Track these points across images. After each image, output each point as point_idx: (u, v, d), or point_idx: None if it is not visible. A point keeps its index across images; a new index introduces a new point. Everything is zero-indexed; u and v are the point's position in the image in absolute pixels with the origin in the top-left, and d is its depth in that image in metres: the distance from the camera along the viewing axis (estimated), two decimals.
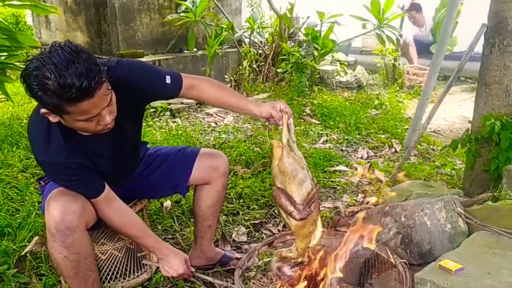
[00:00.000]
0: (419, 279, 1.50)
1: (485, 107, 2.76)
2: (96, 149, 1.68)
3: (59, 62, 1.35)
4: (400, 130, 4.62)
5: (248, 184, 3.08)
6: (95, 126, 1.52)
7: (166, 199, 2.81)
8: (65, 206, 1.60)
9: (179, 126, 4.20)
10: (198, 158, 2.06)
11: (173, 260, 1.86)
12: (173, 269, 1.86)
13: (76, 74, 1.35)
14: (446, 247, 1.91)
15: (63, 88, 1.35)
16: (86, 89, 1.37)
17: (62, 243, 1.61)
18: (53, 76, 1.34)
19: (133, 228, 1.81)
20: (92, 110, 1.45)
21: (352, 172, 3.57)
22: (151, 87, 1.77)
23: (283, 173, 1.62)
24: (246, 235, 2.60)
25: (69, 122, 1.50)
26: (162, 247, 1.87)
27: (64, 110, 1.42)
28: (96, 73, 1.39)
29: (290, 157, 1.62)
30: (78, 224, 1.62)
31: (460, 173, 3.43)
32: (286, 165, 1.61)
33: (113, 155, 1.76)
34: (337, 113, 4.97)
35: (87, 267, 1.71)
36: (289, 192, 1.63)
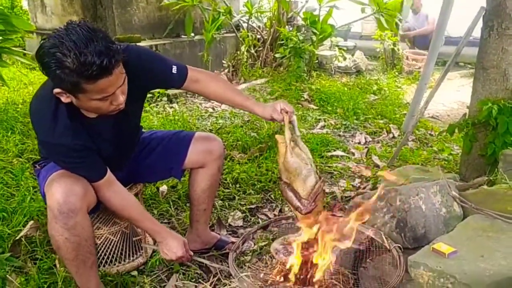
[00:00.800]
0: (413, 262, 1.50)
1: (483, 92, 2.74)
2: (100, 131, 1.68)
3: (78, 40, 1.35)
4: (399, 115, 4.61)
5: (245, 169, 3.07)
6: (108, 106, 1.53)
7: (162, 184, 2.80)
8: (68, 188, 1.60)
9: (176, 111, 4.19)
10: (193, 141, 2.05)
11: (172, 243, 1.85)
12: (172, 251, 1.86)
13: (96, 51, 1.35)
14: (441, 231, 1.91)
15: (83, 65, 1.35)
16: (106, 66, 1.38)
17: (64, 225, 1.61)
18: (72, 54, 1.34)
19: (133, 211, 1.81)
20: (109, 88, 1.45)
21: (349, 157, 3.56)
22: (157, 74, 1.78)
23: (287, 170, 1.66)
24: (242, 219, 2.60)
25: (83, 102, 1.49)
26: (161, 230, 1.87)
27: (82, 88, 1.42)
28: (114, 51, 1.40)
29: (294, 155, 1.65)
30: (81, 206, 1.62)
31: (457, 158, 3.43)
32: (290, 164, 1.64)
33: (116, 138, 1.76)
34: (335, 99, 4.95)
35: (87, 250, 1.71)
36: (294, 187, 1.66)
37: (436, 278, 1.43)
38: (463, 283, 1.37)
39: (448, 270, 1.41)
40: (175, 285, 2.04)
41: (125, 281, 2.01)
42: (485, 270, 1.39)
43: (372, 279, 1.73)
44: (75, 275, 1.74)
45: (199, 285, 2.04)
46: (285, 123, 1.72)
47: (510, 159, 2.42)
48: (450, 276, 1.40)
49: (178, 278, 2.07)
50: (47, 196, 1.62)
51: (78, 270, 1.72)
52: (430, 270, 1.45)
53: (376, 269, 1.78)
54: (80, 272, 1.72)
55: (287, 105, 1.78)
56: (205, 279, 2.08)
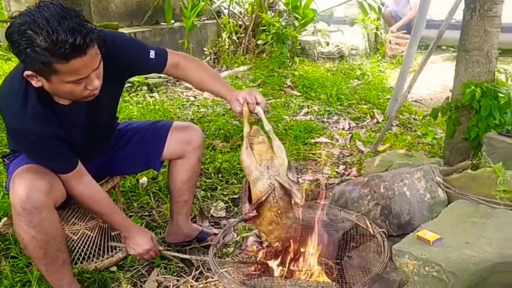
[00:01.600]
0: (397, 251, 1.46)
1: (466, 74, 2.72)
2: (72, 119, 1.61)
3: (50, 17, 1.28)
4: (382, 100, 4.60)
5: (227, 158, 3.02)
6: (82, 91, 1.46)
7: (142, 176, 2.73)
8: (31, 184, 1.52)
9: (157, 101, 4.10)
10: (171, 131, 1.99)
11: (138, 238, 1.82)
12: (138, 245, 1.82)
13: (69, 29, 1.29)
14: (425, 217, 1.89)
15: (55, 44, 1.28)
16: (80, 45, 1.31)
17: (29, 223, 1.53)
18: (44, 32, 1.27)
19: (103, 205, 1.76)
20: (83, 70, 1.38)
21: (333, 143, 3.53)
22: (133, 60, 1.71)
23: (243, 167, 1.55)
24: (224, 210, 2.55)
25: (56, 85, 1.41)
26: (129, 225, 1.83)
27: (54, 69, 1.34)
28: (89, 30, 1.33)
29: (248, 152, 1.52)
30: (46, 202, 1.54)
31: (441, 142, 3.42)
32: (242, 160, 1.53)
33: (89, 127, 1.69)
34: (318, 84, 4.92)
35: (56, 248, 1.64)
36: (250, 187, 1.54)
37: (421, 266, 1.40)
38: (449, 271, 1.33)
39: (433, 258, 1.38)
40: (156, 280, 1.99)
41: (104, 278, 1.95)
42: (470, 257, 1.36)
43: (357, 268, 1.69)
44: (45, 274, 1.68)
45: (181, 279, 1.99)
46: (244, 116, 1.59)
47: (493, 142, 2.41)
48: (435, 264, 1.36)
49: (159, 273, 2.03)
50: (10, 192, 1.55)
51: (48, 269, 1.65)
52: (415, 259, 1.41)
53: (361, 258, 1.75)
54: (50, 271, 1.66)
55: (255, 95, 1.65)
56: (187, 272, 2.03)
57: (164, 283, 1.96)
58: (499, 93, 2.59)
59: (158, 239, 2.24)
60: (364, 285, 1.43)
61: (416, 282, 1.43)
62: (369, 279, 1.45)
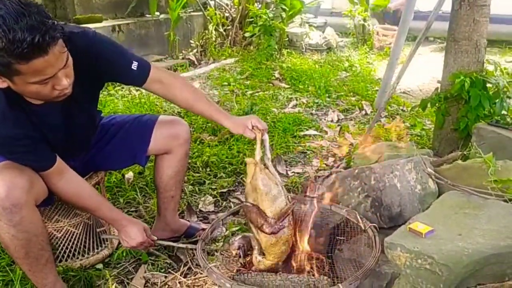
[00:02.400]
0: (389, 244, 1.44)
1: (455, 65, 2.70)
2: (46, 119, 1.54)
3: (6, 14, 1.20)
4: (371, 91, 4.58)
5: (215, 152, 2.97)
6: (50, 91, 1.38)
7: (128, 171, 2.68)
8: (10, 181, 1.46)
9: (143, 94, 4.03)
10: (157, 126, 1.93)
11: (131, 230, 1.76)
12: (131, 238, 1.77)
13: (27, 27, 1.21)
14: (416, 209, 1.88)
15: (12, 43, 1.20)
16: (39, 44, 1.23)
17: (9, 222, 1.47)
18: (0, 30, 1.19)
19: (89, 200, 1.69)
20: (47, 70, 1.30)
21: (322, 136, 3.51)
22: (114, 66, 1.66)
23: (255, 190, 1.58)
24: (213, 204, 2.51)
25: (21, 86, 1.34)
26: (120, 217, 1.77)
27: (15, 70, 1.26)
28: (50, 27, 1.25)
29: (263, 173, 1.57)
30: (26, 200, 1.48)
31: (429, 133, 3.42)
32: (258, 181, 1.56)
33: (66, 125, 1.64)
34: (306, 77, 4.89)
35: (39, 247, 1.58)
36: (261, 207, 1.58)
37: (413, 259, 1.37)
38: (441, 263, 1.31)
39: (426, 251, 1.36)
40: (143, 277, 1.94)
41: (89, 276, 1.90)
42: (463, 249, 1.34)
43: (348, 261, 1.67)
44: (28, 274, 1.62)
45: (169, 275, 1.95)
46: (257, 141, 1.63)
47: (483, 132, 2.40)
48: (428, 256, 1.34)
49: (147, 269, 1.98)
50: None
51: (30, 268, 1.60)
52: (407, 251, 1.39)
53: (352, 251, 1.72)
54: (33, 270, 1.61)
55: (260, 122, 1.69)
56: (175, 268, 1.99)
57: (152, 280, 1.92)
58: (488, 83, 2.57)
59: None
60: (356, 280, 1.41)
61: (409, 275, 1.40)
62: (361, 273, 1.43)
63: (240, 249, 1.67)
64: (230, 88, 4.44)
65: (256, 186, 1.57)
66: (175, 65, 5.14)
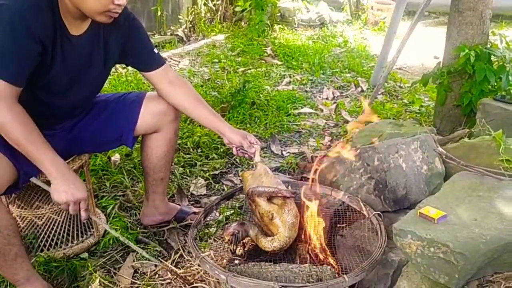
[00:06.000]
0: (398, 231, 1.32)
1: (458, 37, 2.57)
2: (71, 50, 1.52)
3: None
4: (366, 68, 4.48)
5: (206, 132, 2.84)
6: (108, 2, 1.40)
7: (114, 152, 2.55)
8: None
9: (129, 71, 3.87)
10: (144, 103, 1.82)
11: (69, 183, 1.46)
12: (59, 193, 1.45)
13: None
14: (423, 191, 1.78)
15: None
16: None
17: None
18: None
19: (22, 133, 1.39)
20: None
21: (317, 114, 3.41)
22: (141, 44, 1.74)
23: (258, 177, 1.65)
24: (205, 187, 2.40)
25: None
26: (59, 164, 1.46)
27: None
28: None
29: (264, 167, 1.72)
30: None
31: (429, 110, 3.34)
32: (261, 168, 1.69)
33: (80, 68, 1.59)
34: (300, 53, 4.79)
35: (5, 241, 1.45)
36: None
37: (425, 247, 1.26)
38: (457, 252, 1.20)
39: (439, 238, 1.24)
40: (132, 266, 1.83)
41: (73, 266, 1.78)
42: (480, 236, 1.23)
43: (351, 249, 1.56)
44: None
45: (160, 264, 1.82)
46: (257, 152, 1.74)
47: (488, 108, 2.28)
48: (442, 244, 1.23)
49: (135, 258, 1.87)
50: None
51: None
52: (418, 239, 1.27)
53: (355, 238, 1.62)
54: (1, 265, 1.47)
55: (257, 141, 1.77)
56: (165, 257, 1.88)
57: (141, 269, 1.81)
58: (493, 56, 2.44)
59: (133, 220, 2.09)
60: (363, 271, 1.30)
61: (420, 264, 1.29)
62: (368, 264, 1.32)
63: (234, 236, 1.55)
64: (221, 65, 4.32)
65: (260, 171, 1.65)
66: (163, 42, 4.97)
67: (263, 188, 1.56)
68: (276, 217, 1.50)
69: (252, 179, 1.67)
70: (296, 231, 1.53)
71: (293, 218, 1.51)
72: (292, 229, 1.50)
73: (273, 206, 1.53)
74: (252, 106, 3.32)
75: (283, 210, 1.51)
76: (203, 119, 1.81)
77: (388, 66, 3.20)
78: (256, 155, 1.74)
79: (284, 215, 1.50)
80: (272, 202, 1.54)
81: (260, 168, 1.69)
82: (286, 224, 1.49)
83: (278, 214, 1.50)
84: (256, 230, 1.56)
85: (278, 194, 1.53)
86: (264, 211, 1.53)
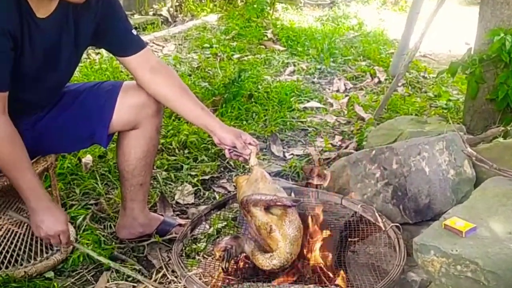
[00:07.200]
0: (419, 246, 1.36)
1: (492, 18, 2.62)
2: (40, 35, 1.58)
3: None
4: (384, 55, 4.55)
5: (195, 130, 2.88)
6: None
7: (86, 153, 2.59)
8: None
9: (104, 58, 3.93)
10: (121, 93, 1.85)
11: (50, 215, 1.65)
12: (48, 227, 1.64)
13: None
14: (449, 199, 1.83)
15: None
16: None
17: None
18: None
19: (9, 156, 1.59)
20: None
21: (326, 109, 3.45)
22: (118, 23, 1.77)
23: (253, 182, 1.66)
24: (193, 195, 2.43)
25: None
26: (41, 195, 1.65)
27: None
28: None
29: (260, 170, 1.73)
30: None
31: (458, 105, 3.39)
32: (257, 172, 1.70)
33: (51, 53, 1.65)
34: (306, 37, 4.85)
35: None
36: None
37: (451, 265, 1.30)
38: (488, 270, 1.24)
39: (467, 255, 1.27)
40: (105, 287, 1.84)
41: (36, 287, 1.80)
42: None
43: (364, 267, 1.61)
44: None
45: (139, 285, 1.85)
46: (253, 154, 1.75)
47: None
48: (470, 262, 1.26)
49: (110, 278, 1.89)
50: None
51: None
52: (443, 255, 1.31)
53: (369, 254, 1.67)
54: None
55: (253, 140, 1.78)
56: (146, 276, 1.89)
57: None
58: None
59: (108, 234, 2.11)
60: None
61: (444, 284, 1.35)
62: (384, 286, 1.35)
63: (227, 251, 1.57)
64: (213, 51, 4.36)
65: (256, 176, 1.66)
66: (144, 23, 5.03)
67: (260, 196, 1.57)
68: (276, 229, 1.51)
69: (247, 185, 1.69)
70: (299, 246, 1.54)
71: (295, 231, 1.52)
72: (294, 244, 1.51)
73: (271, 216, 1.54)
74: (249, 99, 3.35)
75: (283, 222, 1.52)
76: (189, 114, 1.84)
77: (410, 53, 3.25)
78: (252, 157, 1.75)
79: (285, 228, 1.51)
80: (271, 212, 1.56)
81: (257, 172, 1.71)
82: (287, 238, 1.50)
83: (278, 226, 1.52)
84: (252, 245, 1.58)
85: (278, 203, 1.54)
86: (261, 222, 1.54)
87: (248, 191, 1.63)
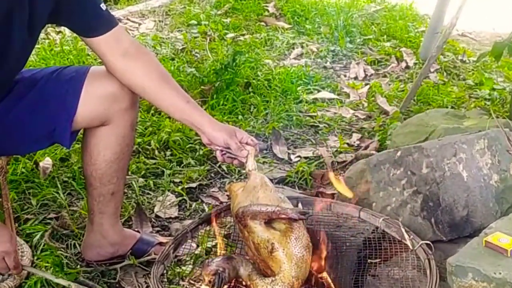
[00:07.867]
0: (455, 267, 1.40)
1: None
2: None
3: None
4: (413, 34, 4.57)
5: (179, 127, 2.92)
6: None
7: (44, 155, 2.63)
8: None
9: (67, 39, 3.96)
10: (87, 82, 1.88)
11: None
12: None
13: None
14: (492, 210, 1.85)
15: None
16: None
17: None
18: None
19: None
20: None
21: (341, 100, 3.48)
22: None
23: (251, 191, 1.68)
24: (176, 207, 2.48)
25: None
26: None
27: None
28: None
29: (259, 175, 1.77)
30: None
31: (503, 95, 3.42)
32: (256, 178, 1.72)
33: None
34: (316, 11, 4.88)
35: None
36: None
37: None
38: None
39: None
40: None
41: None
42: None
43: None
44: None
45: None
46: (251, 156, 1.77)
47: None
48: None
49: None
50: None
51: None
52: (484, 279, 1.35)
53: (393, 278, 1.69)
54: None
55: (252, 138, 1.81)
56: None
57: None
58: None
59: (71, 254, 2.14)
60: None
61: None
62: None
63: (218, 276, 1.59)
64: (201, 28, 4.40)
65: (255, 183, 1.68)
66: None
67: (260, 207, 1.59)
68: (278, 248, 1.53)
69: (244, 194, 1.71)
70: (308, 269, 1.56)
71: (302, 250, 1.54)
72: (302, 266, 1.53)
73: (273, 232, 1.56)
74: (246, 88, 3.39)
75: (288, 239, 1.54)
76: (172, 108, 1.87)
77: (445, 31, 3.27)
78: (249, 160, 1.77)
79: (290, 246, 1.53)
80: (273, 227, 1.58)
81: (255, 178, 1.73)
82: (293, 259, 1.52)
83: (281, 244, 1.53)
84: (249, 268, 1.60)
85: (281, 215, 1.56)
86: (261, 239, 1.56)
87: (245, 201, 1.65)
